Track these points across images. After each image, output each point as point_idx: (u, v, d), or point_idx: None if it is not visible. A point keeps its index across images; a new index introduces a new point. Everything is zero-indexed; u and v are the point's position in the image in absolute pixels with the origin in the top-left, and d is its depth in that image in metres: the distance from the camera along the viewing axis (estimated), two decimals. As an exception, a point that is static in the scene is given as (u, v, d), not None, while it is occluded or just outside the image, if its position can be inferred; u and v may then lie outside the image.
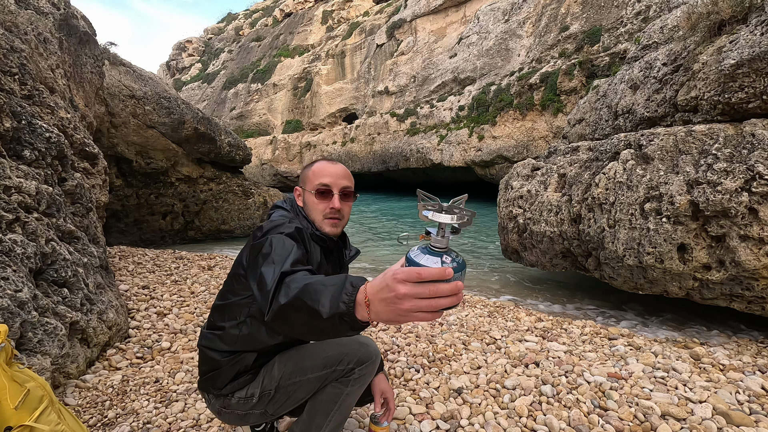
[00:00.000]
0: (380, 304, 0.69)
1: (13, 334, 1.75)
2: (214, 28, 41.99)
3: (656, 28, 4.18)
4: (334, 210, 1.33)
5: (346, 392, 1.28)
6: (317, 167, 1.36)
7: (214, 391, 1.35)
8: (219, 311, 1.36)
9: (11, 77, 2.74)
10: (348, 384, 1.27)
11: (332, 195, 1.33)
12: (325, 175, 1.33)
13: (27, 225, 2.14)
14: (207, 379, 1.36)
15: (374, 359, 1.33)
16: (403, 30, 22.59)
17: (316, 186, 1.32)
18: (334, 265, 1.42)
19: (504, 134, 15.39)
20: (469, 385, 2.14)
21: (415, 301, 0.65)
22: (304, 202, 1.38)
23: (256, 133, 28.45)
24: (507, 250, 4.71)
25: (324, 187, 1.32)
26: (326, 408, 1.28)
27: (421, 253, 0.75)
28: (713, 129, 2.80)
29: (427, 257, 0.73)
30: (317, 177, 1.33)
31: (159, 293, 3.63)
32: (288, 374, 1.29)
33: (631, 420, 1.81)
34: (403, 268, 0.68)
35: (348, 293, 0.75)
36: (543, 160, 4.58)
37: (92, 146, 3.92)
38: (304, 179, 1.37)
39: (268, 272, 0.99)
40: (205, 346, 1.35)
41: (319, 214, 1.33)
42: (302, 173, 1.41)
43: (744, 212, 2.47)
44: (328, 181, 1.32)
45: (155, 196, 7.49)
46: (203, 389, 1.39)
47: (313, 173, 1.35)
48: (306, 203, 1.37)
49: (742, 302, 2.73)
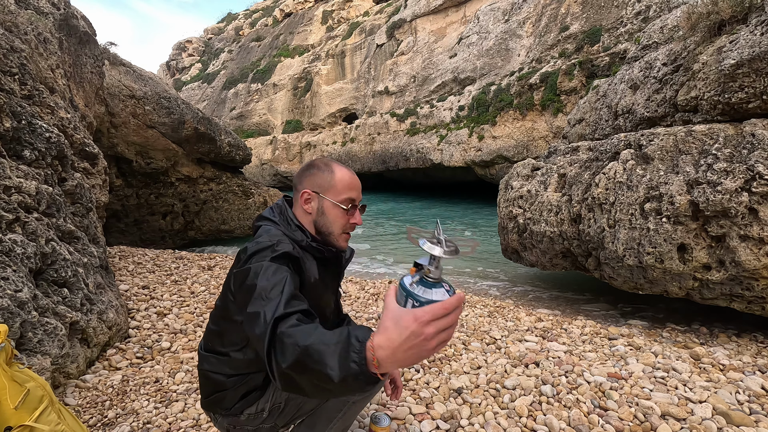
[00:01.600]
0: (406, 353, 0.66)
1: (13, 334, 1.75)
2: (214, 28, 41.99)
3: (656, 28, 4.18)
4: (354, 226, 1.25)
5: (352, 401, 1.26)
6: (344, 177, 1.22)
7: (221, 411, 1.29)
8: (217, 336, 1.27)
9: (11, 77, 2.74)
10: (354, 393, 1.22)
11: (356, 210, 1.24)
12: (353, 189, 1.23)
13: (27, 225, 2.14)
14: (213, 401, 1.29)
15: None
16: (403, 30, 22.59)
17: (345, 200, 1.20)
18: (333, 273, 1.36)
19: (504, 134, 15.39)
20: (469, 385, 2.14)
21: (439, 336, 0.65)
22: (321, 210, 1.22)
23: (256, 133, 28.45)
24: (507, 250, 4.71)
25: (352, 203, 1.22)
26: (330, 415, 1.26)
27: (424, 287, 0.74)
28: (713, 129, 2.80)
29: (434, 291, 0.73)
30: (345, 190, 1.21)
31: (159, 293, 3.63)
32: None
33: (631, 420, 1.81)
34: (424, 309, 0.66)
35: (356, 351, 0.70)
36: (543, 160, 4.58)
37: (92, 146, 3.92)
38: (325, 186, 1.21)
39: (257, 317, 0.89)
40: (209, 370, 1.27)
41: (340, 228, 1.23)
42: (319, 177, 1.22)
43: (744, 212, 2.47)
44: (355, 196, 1.23)
45: (155, 196, 7.49)
46: (208, 409, 1.33)
47: (340, 183, 1.20)
48: (324, 212, 1.22)
49: (742, 302, 2.72)
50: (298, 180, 1.26)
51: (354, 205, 1.22)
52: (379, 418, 1.64)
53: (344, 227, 1.23)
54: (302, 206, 1.24)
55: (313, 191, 1.22)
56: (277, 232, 1.18)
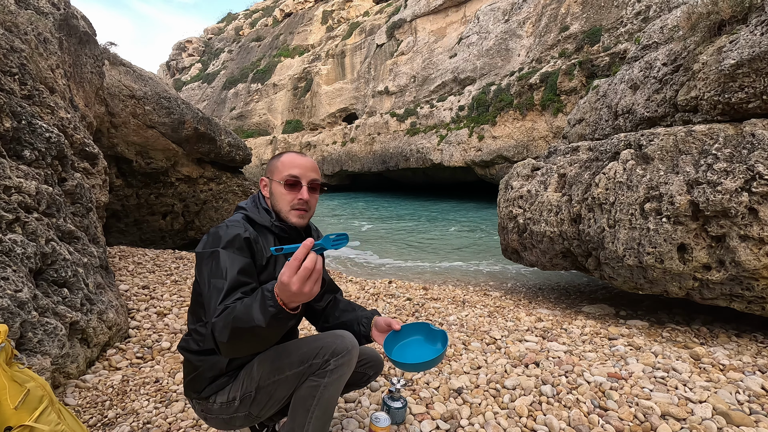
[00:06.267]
0: (290, 294, 0.96)
1: (13, 334, 1.75)
2: (214, 28, 41.99)
3: (656, 28, 4.18)
4: (302, 201, 1.34)
5: (323, 384, 1.25)
6: (286, 158, 1.36)
7: (194, 395, 1.36)
8: (191, 314, 1.40)
9: (11, 77, 2.74)
10: (325, 376, 1.25)
11: (301, 186, 1.34)
12: (295, 166, 1.34)
13: (27, 225, 2.14)
14: (187, 384, 1.38)
15: (350, 349, 1.29)
16: (403, 30, 22.60)
17: (285, 177, 1.32)
18: None
19: (504, 134, 15.39)
20: (469, 385, 2.14)
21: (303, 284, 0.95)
22: (271, 193, 1.37)
23: (256, 133, 28.45)
24: (507, 250, 4.71)
25: (293, 179, 1.33)
26: (306, 403, 1.26)
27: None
28: (713, 129, 2.80)
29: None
30: (286, 168, 1.33)
31: (159, 293, 3.63)
32: (267, 374, 1.29)
33: (631, 420, 1.81)
34: (284, 268, 0.96)
35: (269, 299, 0.99)
36: (543, 160, 4.58)
37: (92, 146, 3.92)
38: (272, 170, 1.37)
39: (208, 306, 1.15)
40: (181, 347, 1.39)
41: (287, 204, 1.34)
42: (270, 164, 1.40)
43: (744, 212, 2.47)
44: (297, 173, 1.33)
45: (155, 196, 7.48)
46: (186, 395, 1.41)
47: (282, 164, 1.35)
48: (273, 193, 1.36)
49: (742, 302, 2.72)
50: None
51: (297, 181, 1.33)
52: (379, 418, 1.64)
53: (291, 203, 1.34)
54: (263, 192, 1.42)
55: (266, 177, 1.40)
56: (236, 218, 1.34)
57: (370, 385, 2.10)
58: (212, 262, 1.20)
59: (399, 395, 1.77)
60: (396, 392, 1.76)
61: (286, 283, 0.94)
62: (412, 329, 1.44)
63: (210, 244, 1.25)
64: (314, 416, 1.27)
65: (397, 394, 1.76)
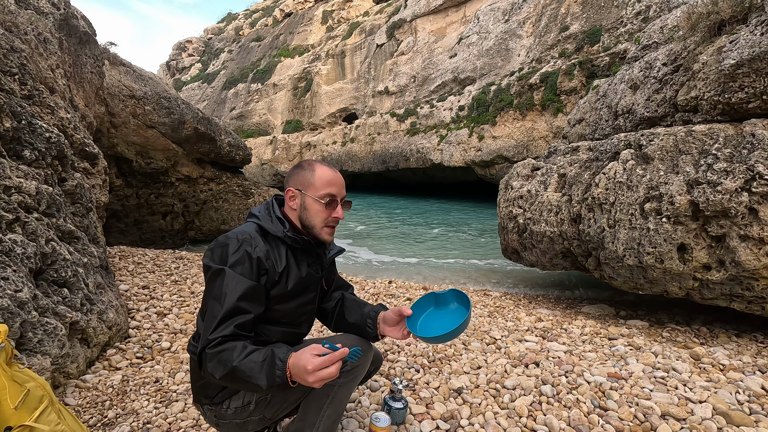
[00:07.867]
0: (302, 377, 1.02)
1: (13, 334, 1.75)
2: (214, 28, 41.98)
3: (656, 28, 4.18)
4: (337, 219, 1.35)
5: (339, 384, 1.28)
6: (324, 174, 1.32)
7: (206, 401, 1.34)
8: (200, 316, 1.35)
9: (11, 77, 2.74)
10: (341, 376, 1.26)
11: (337, 205, 1.34)
12: (333, 184, 1.32)
13: (27, 225, 2.14)
14: (197, 390, 1.35)
15: (365, 349, 1.36)
16: (403, 30, 22.59)
17: (323, 195, 1.31)
18: (312, 265, 1.41)
19: (504, 134, 15.39)
20: (469, 385, 2.14)
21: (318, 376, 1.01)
22: (303, 206, 1.33)
23: (256, 133, 28.44)
24: (507, 250, 4.71)
25: (332, 198, 1.32)
26: (319, 402, 1.28)
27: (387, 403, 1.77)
28: (713, 129, 2.80)
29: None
30: (324, 186, 1.31)
31: (159, 293, 3.63)
32: None
33: (631, 420, 1.81)
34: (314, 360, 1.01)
35: (280, 369, 1.04)
36: (543, 160, 4.58)
37: (92, 146, 3.92)
38: (305, 184, 1.32)
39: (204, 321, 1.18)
40: (192, 351, 1.33)
41: (321, 221, 1.33)
42: (299, 175, 1.34)
43: (744, 212, 2.47)
44: (335, 192, 1.32)
45: (155, 196, 7.48)
46: (196, 400, 1.38)
47: (319, 180, 1.31)
48: (307, 208, 1.33)
49: (742, 302, 2.72)
50: (286, 180, 1.40)
51: (334, 200, 1.32)
52: (380, 418, 1.64)
53: (325, 221, 1.34)
54: (288, 203, 1.37)
55: (296, 189, 1.35)
56: (249, 229, 1.30)
57: (370, 385, 2.10)
58: (216, 281, 1.20)
59: (401, 395, 1.77)
60: (398, 392, 1.77)
61: (308, 372, 0.99)
62: (421, 305, 1.42)
63: (218, 259, 1.23)
64: (326, 414, 1.28)
65: (399, 394, 1.77)
